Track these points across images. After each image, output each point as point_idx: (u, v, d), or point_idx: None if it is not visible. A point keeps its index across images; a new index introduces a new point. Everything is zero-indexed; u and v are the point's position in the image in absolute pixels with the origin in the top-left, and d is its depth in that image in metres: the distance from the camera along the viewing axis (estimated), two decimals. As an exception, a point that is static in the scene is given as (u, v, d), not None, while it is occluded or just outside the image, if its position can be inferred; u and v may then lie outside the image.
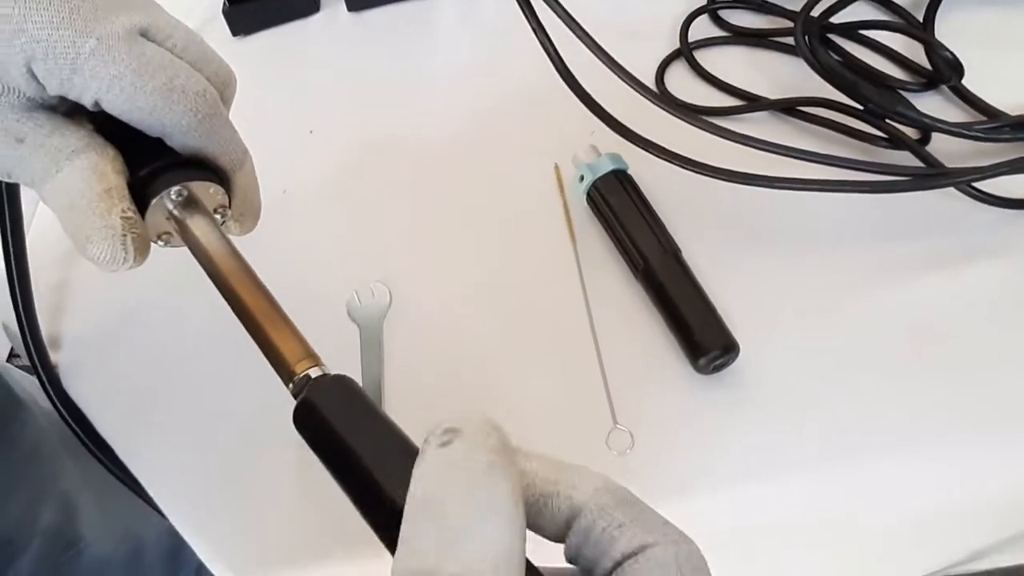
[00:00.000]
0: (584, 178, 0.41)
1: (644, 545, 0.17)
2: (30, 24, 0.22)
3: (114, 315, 0.47)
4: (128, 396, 0.43)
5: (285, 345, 0.24)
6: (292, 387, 0.23)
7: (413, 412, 0.39)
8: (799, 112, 0.42)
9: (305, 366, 0.23)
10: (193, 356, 0.43)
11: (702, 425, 0.35)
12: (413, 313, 0.42)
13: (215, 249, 0.26)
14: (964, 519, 0.38)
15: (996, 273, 0.35)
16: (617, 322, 0.39)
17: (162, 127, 0.25)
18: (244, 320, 0.25)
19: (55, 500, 0.47)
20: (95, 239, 0.24)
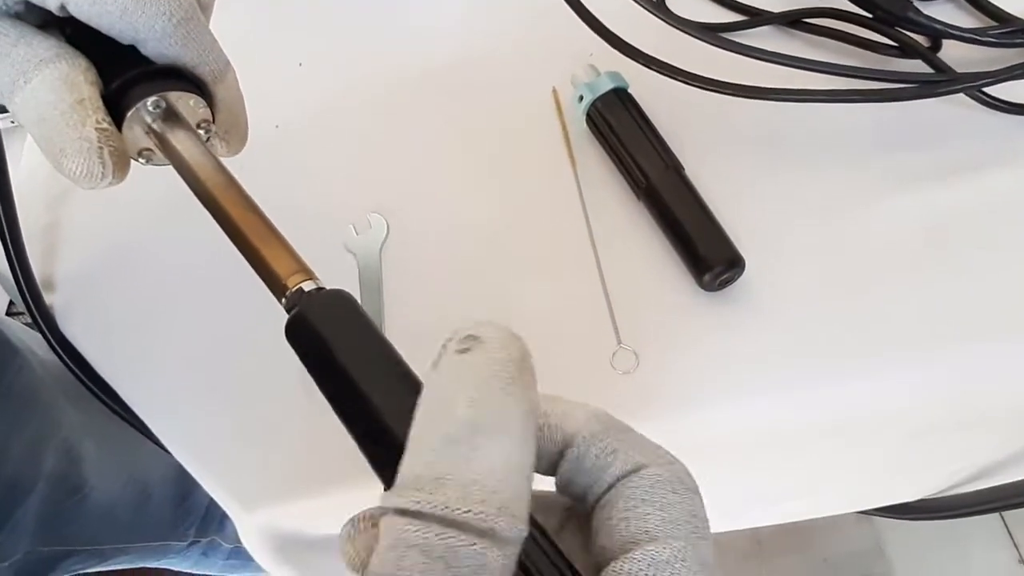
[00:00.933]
0: (583, 98, 0.40)
1: (638, 466, 0.17)
2: None
3: (106, 253, 0.46)
4: (125, 334, 0.43)
5: (276, 259, 0.23)
6: (285, 302, 0.22)
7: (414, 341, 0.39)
8: (806, 24, 0.41)
9: (298, 279, 0.22)
10: (188, 289, 0.43)
11: (708, 342, 0.35)
12: (411, 243, 0.42)
13: (198, 163, 0.24)
14: (974, 431, 0.38)
15: (1006, 180, 0.35)
16: (620, 242, 0.38)
17: (134, 32, 0.24)
18: (233, 237, 0.24)
19: (58, 445, 0.47)
20: (69, 152, 0.23)
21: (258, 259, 0.23)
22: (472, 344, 0.17)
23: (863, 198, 0.36)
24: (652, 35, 0.38)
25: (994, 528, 1.03)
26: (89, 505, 0.50)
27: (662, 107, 0.39)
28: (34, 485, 0.45)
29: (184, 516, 0.61)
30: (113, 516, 0.53)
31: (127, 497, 0.54)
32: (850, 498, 0.49)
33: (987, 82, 0.33)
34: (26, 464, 0.45)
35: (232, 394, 0.40)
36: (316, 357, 0.21)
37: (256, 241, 0.23)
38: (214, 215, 0.24)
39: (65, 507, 0.48)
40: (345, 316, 0.21)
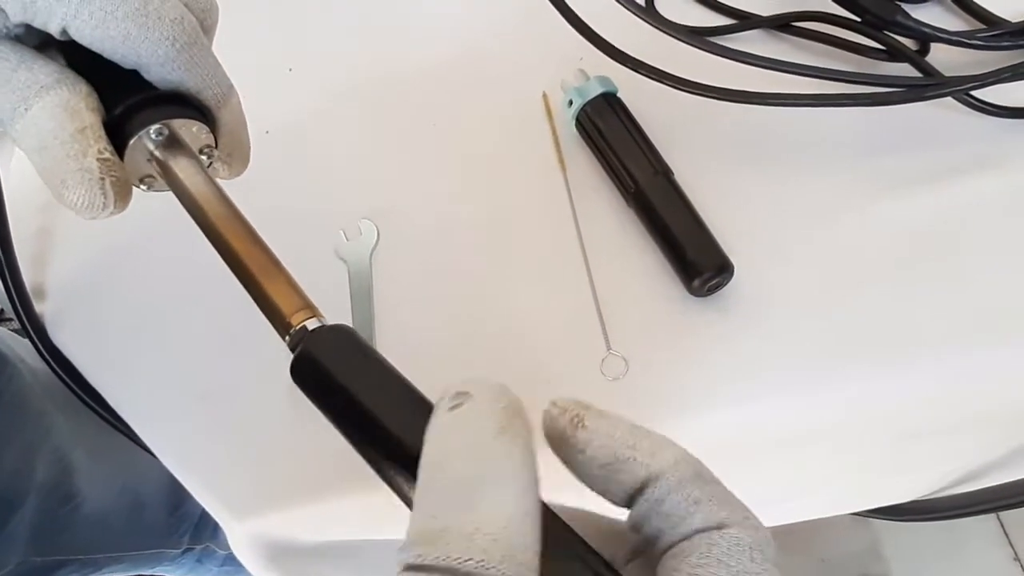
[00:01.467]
0: (573, 102, 0.40)
1: (721, 524, 0.16)
2: None
3: (97, 259, 0.46)
4: (115, 342, 0.43)
5: (280, 296, 0.22)
6: (289, 340, 0.22)
7: (405, 348, 0.39)
8: (794, 28, 0.41)
9: (301, 317, 0.22)
10: (179, 297, 0.43)
11: (698, 348, 0.35)
12: (402, 249, 0.42)
13: (201, 193, 0.24)
14: (964, 433, 0.38)
15: (994, 183, 0.35)
16: (609, 248, 0.38)
17: (137, 58, 0.23)
18: (235, 270, 0.24)
19: (48, 455, 0.47)
20: (70, 183, 0.22)
21: (261, 295, 0.23)
22: (463, 399, 0.17)
23: (852, 202, 0.36)
24: (641, 39, 0.38)
25: (990, 528, 1.03)
26: (82, 514, 0.50)
27: (651, 111, 0.39)
28: (26, 495, 0.45)
29: (178, 524, 0.61)
30: (106, 525, 0.53)
31: (120, 505, 0.54)
32: (842, 500, 0.49)
33: (974, 85, 0.33)
34: (18, 474, 0.44)
35: (222, 402, 0.40)
36: (326, 393, 0.21)
37: (259, 276, 0.23)
38: (216, 246, 0.24)
39: (58, 516, 0.48)
40: (350, 350, 0.21)
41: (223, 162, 0.27)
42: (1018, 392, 0.34)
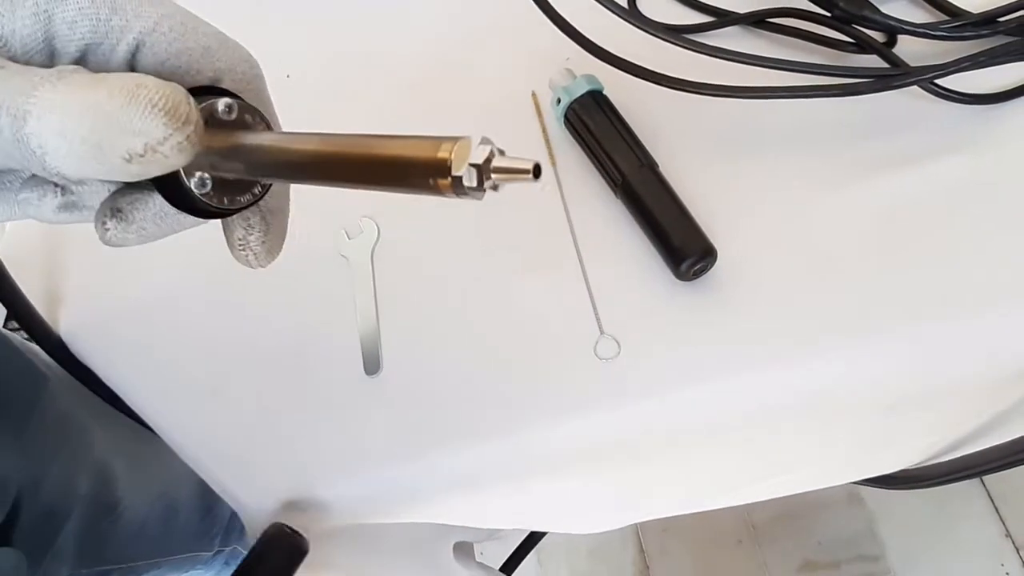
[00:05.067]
0: (561, 100, 0.41)
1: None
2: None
3: (104, 268, 0.47)
4: (129, 346, 0.45)
5: (411, 148, 0.18)
6: (450, 181, 0.17)
7: (407, 337, 0.41)
8: (769, 24, 0.43)
9: (447, 149, 0.17)
10: (188, 297, 0.45)
11: (685, 328, 0.37)
12: (401, 245, 0.44)
13: (282, 137, 0.21)
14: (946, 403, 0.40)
15: (961, 165, 0.37)
16: (599, 238, 0.40)
17: (213, 72, 0.22)
18: (355, 171, 0.20)
19: (91, 468, 0.47)
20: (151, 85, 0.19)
21: (395, 162, 0.19)
22: None
23: (826, 187, 0.38)
24: (625, 39, 0.40)
25: (981, 505, 1.05)
26: (123, 523, 0.50)
27: (636, 107, 0.41)
28: (71, 509, 0.45)
29: (210, 526, 0.61)
30: (145, 532, 0.53)
31: (157, 512, 0.54)
32: (832, 473, 0.51)
33: (938, 74, 0.35)
34: (64, 489, 0.45)
35: (235, 397, 0.42)
36: None
37: (382, 151, 0.19)
38: (323, 174, 0.20)
39: (102, 528, 0.48)
40: None
41: (262, 217, 0.25)
42: (994, 360, 0.36)
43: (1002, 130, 0.38)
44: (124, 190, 0.23)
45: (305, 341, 0.42)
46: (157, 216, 0.23)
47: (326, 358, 0.41)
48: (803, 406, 0.38)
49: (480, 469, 0.39)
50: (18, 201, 0.23)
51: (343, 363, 0.40)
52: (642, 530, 1.14)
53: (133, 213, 0.23)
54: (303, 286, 0.44)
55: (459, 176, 0.17)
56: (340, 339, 0.41)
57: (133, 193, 0.23)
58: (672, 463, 0.41)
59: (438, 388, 0.39)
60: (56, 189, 0.23)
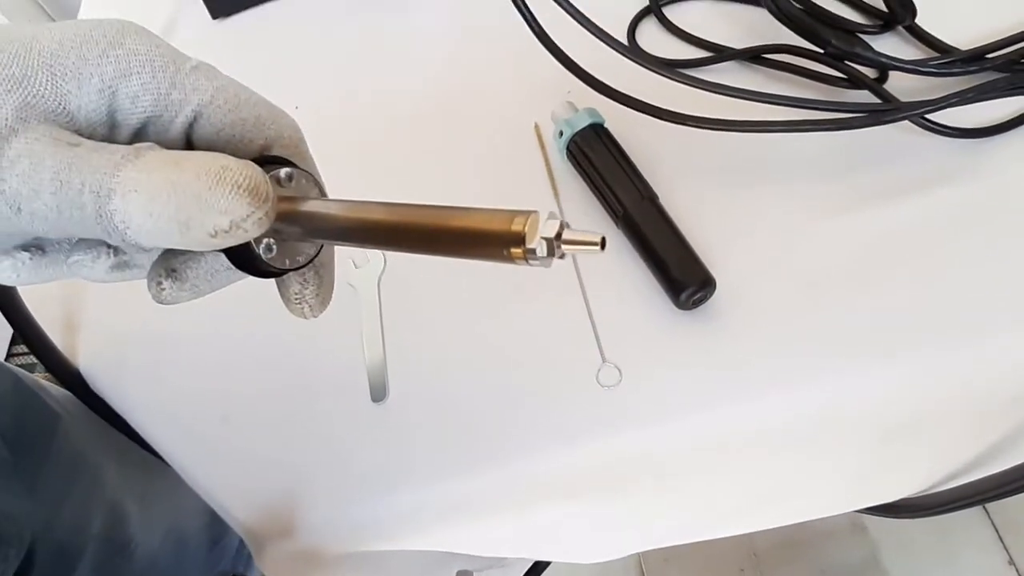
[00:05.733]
0: (563, 133, 0.43)
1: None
2: (130, 39, 0.21)
3: (124, 302, 0.48)
4: (142, 376, 0.45)
5: (485, 222, 0.19)
6: (524, 253, 0.19)
7: (413, 363, 0.42)
8: (765, 60, 0.44)
9: (520, 223, 0.19)
10: (199, 324, 0.45)
11: (686, 356, 0.38)
12: (407, 274, 0.45)
13: (346, 205, 0.22)
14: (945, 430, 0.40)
15: (951, 197, 0.38)
16: (601, 268, 0.41)
17: (264, 140, 0.23)
18: (427, 240, 0.21)
19: (104, 505, 0.47)
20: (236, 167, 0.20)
21: (471, 234, 0.20)
22: None
23: (821, 219, 0.39)
24: (625, 73, 0.41)
25: (985, 534, 1.05)
26: (135, 560, 0.50)
27: (636, 140, 0.43)
28: (84, 548, 0.45)
29: (218, 558, 0.61)
30: (156, 567, 0.52)
31: (167, 548, 0.54)
32: (834, 500, 0.51)
33: (929, 109, 0.37)
34: (77, 528, 0.44)
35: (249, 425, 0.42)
36: None
37: (455, 223, 0.20)
38: (391, 241, 0.22)
39: (114, 565, 0.48)
40: None
41: (316, 272, 0.26)
42: (991, 385, 0.37)
43: (991, 163, 0.39)
44: (177, 251, 0.24)
45: (313, 369, 0.43)
46: (209, 273, 0.24)
47: (334, 385, 0.42)
48: (803, 432, 0.38)
49: (484, 496, 0.39)
50: (69, 263, 0.24)
51: (350, 390, 0.41)
52: (644, 560, 1.13)
53: (187, 272, 0.24)
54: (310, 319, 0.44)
55: (532, 248, 0.18)
56: (347, 367, 0.42)
57: (186, 253, 0.24)
58: (674, 490, 0.42)
59: (443, 415, 0.40)
60: (109, 251, 0.24)
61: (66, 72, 0.20)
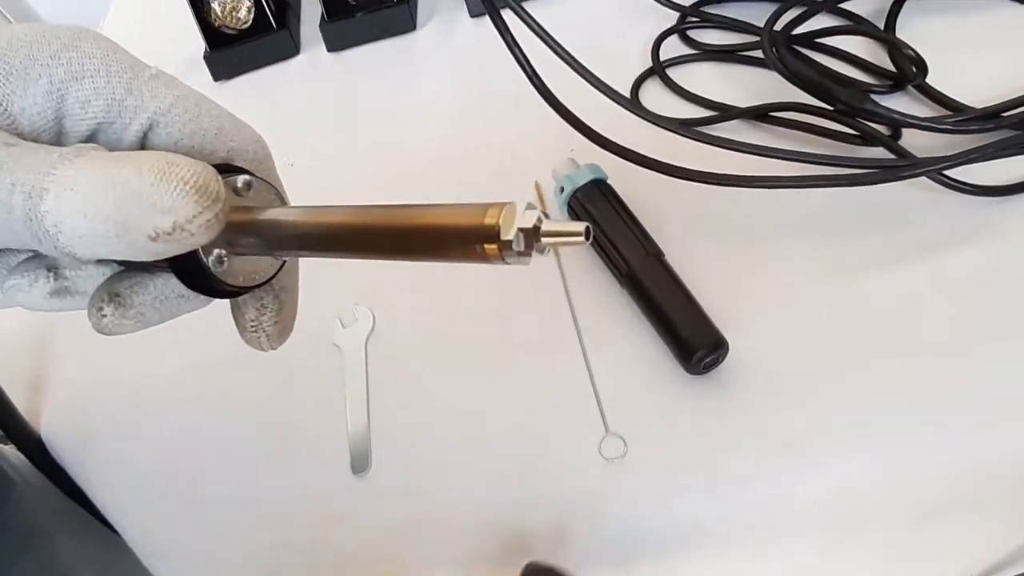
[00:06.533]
0: (564, 189, 0.41)
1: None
2: (85, 43, 0.20)
3: (92, 364, 0.46)
4: (107, 452, 0.42)
5: (457, 216, 0.18)
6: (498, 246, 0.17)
7: (400, 431, 0.38)
8: (772, 118, 0.43)
9: (494, 215, 0.17)
10: (168, 401, 0.43)
11: (696, 426, 0.34)
12: (397, 334, 0.42)
13: (307, 210, 0.20)
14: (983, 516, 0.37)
15: (972, 257, 0.36)
16: (605, 330, 0.38)
17: (226, 152, 0.22)
18: (393, 243, 0.19)
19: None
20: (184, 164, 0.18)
21: (442, 230, 0.18)
22: None
23: (838, 278, 0.37)
24: (629, 131, 0.40)
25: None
26: None
27: (641, 197, 0.41)
28: None
29: None
30: None
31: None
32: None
33: (946, 165, 0.35)
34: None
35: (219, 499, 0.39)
36: None
37: (422, 219, 0.19)
38: (355, 245, 0.20)
39: None
40: None
41: (275, 297, 0.24)
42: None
43: (1012, 221, 0.37)
44: (121, 274, 0.22)
45: (290, 437, 0.40)
46: (157, 300, 0.22)
47: (311, 455, 0.39)
48: (824, 514, 0.35)
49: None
50: (5, 288, 0.22)
51: (329, 460, 0.38)
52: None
53: (132, 298, 0.22)
54: (292, 377, 0.42)
55: (508, 240, 0.17)
56: (328, 434, 0.39)
57: (132, 277, 0.22)
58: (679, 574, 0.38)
59: (430, 489, 0.36)
60: (48, 274, 0.22)
61: (11, 71, 0.19)
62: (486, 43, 0.48)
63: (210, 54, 0.61)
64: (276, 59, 0.63)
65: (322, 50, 0.62)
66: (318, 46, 0.62)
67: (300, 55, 0.63)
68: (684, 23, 0.51)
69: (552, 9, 0.57)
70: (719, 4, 0.51)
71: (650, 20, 0.52)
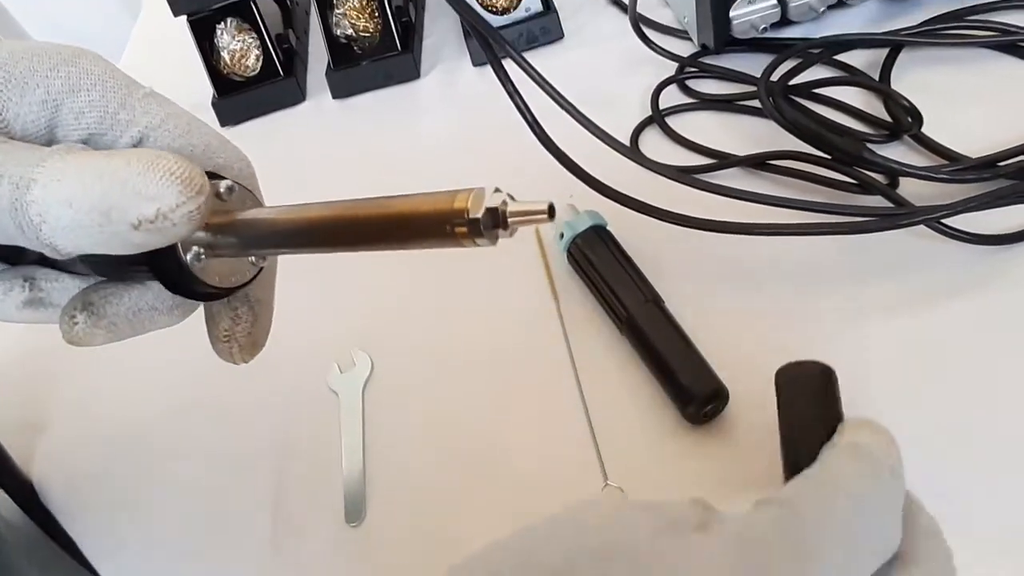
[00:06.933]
0: (564, 235, 0.41)
1: None
2: (85, 60, 0.21)
3: (98, 409, 0.45)
4: (108, 504, 0.41)
5: (427, 204, 0.19)
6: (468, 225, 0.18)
7: (396, 483, 0.38)
8: (770, 166, 0.43)
9: (463, 198, 0.18)
10: (165, 457, 0.42)
11: (696, 477, 0.34)
12: (395, 380, 0.42)
13: (283, 208, 0.21)
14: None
15: (971, 307, 0.36)
16: (604, 378, 0.38)
17: (213, 167, 0.23)
18: (368, 234, 0.20)
19: None
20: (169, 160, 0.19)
21: (411, 218, 0.19)
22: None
23: (838, 327, 0.37)
24: (629, 179, 0.40)
25: None
26: None
27: (640, 243, 0.41)
28: None
29: None
30: None
31: None
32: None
33: (945, 214, 0.35)
34: None
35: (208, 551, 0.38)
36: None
37: (394, 209, 0.20)
38: (332, 238, 0.21)
39: None
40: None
41: (249, 307, 0.25)
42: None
43: (1012, 271, 0.37)
44: (96, 285, 0.23)
45: (282, 484, 0.39)
46: (130, 311, 0.22)
47: (304, 503, 0.38)
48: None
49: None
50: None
51: (322, 509, 0.37)
52: None
53: (105, 307, 0.22)
54: (287, 424, 0.41)
55: (477, 219, 0.18)
56: (321, 482, 0.38)
57: (107, 288, 0.22)
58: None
59: (426, 540, 0.35)
60: (24, 284, 0.23)
61: (10, 79, 0.20)
62: (488, 91, 0.49)
63: (218, 100, 0.63)
64: (282, 105, 0.64)
65: (327, 97, 0.63)
66: (324, 93, 0.63)
67: (306, 101, 0.64)
68: (683, 73, 0.52)
69: (553, 59, 0.58)
70: (717, 55, 0.52)
71: (649, 70, 0.53)
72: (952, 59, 0.47)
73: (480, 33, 0.40)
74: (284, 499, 0.38)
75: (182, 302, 0.23)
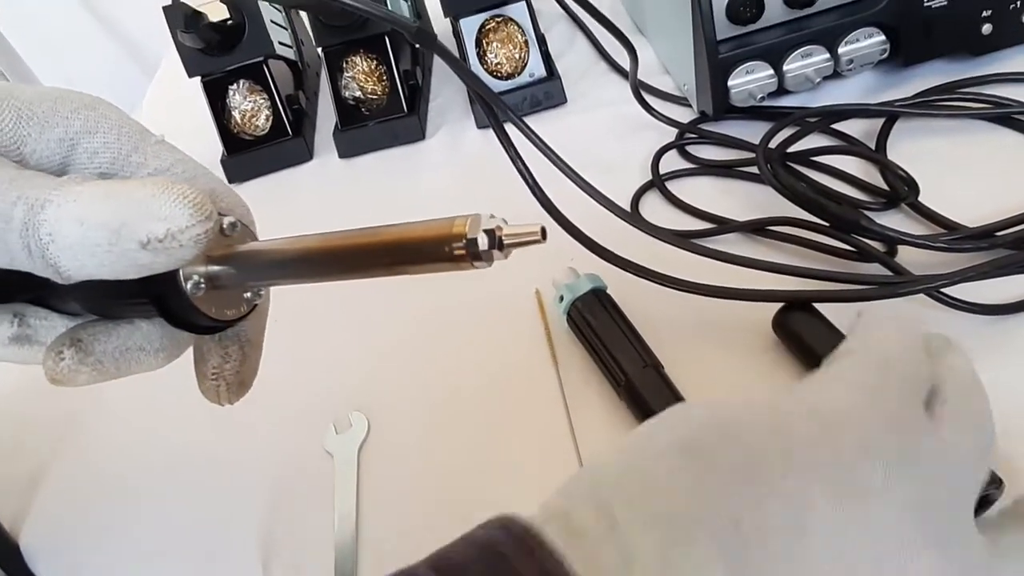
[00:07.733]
0: (563, 298, 0.41)
1: None
2: (103, 107, 0.22)
3: (79, 491, 0.45)
4: (91, 565, 0.40)
5: (427, 230, 0.20)
6: (467, 246, 0.19)
7: (390, 546, 0.37)
8: (769, 232, 0.44)
9: (461, 223, 0.19)
10: (149, 514, 0.41)
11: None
12: (392, 442, 0.41)
13: (283, 240, 0.22)
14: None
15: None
16: (602, 442, 0.38)
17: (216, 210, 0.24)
18: (369, 262, 0.21)
19: None
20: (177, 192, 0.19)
21: (413, 245, 0.20)
22: None
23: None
24: (629, 244, 0.41)
25: None
26: None
27: (640, 308, 0.41)
28: None
29: None
30: None
31: None
32: None
33: (944, 283, 0.35)
34: None
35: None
36: None
37: (396, 234, 0.21)
38: (331, 266, 0.22)
39: None
40: None
41: (240, 347, 0.25)
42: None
43: (1012, 341, 0.36)
44: (85, 323, 0.23)
45: (270, 547, 0.38)
46: (117, 350, 0.22)
47: (296, 567, 0.37)
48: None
49: None
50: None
51: (313, 574, 0.36)
52: None
53: (93, 345, 0.22)
54: (280, 486, 0.40)
55: (475, 239, 0.19)
56: (312, 547, 0.37)
57: (96, 325, 0.23)
58: None
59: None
60: (13, 319, 0.23)
61: (33, 117, 0.21)
62: (491, 154, 0.50)
63: (227, 158, 0.64)
64: (290, 164, 0.65)
65: (334, 156, 0.64)
66: (331, 152, 0.65)
67: (313, 160, 0.66)
68: (683, 139, 0.53)
69: (556, 123, 0.60)
70: (716, 122, 0.53)
71: (650, 135, 0.54)
72: (946, 130, 0.48)
73: (482, 98, 0.41)
74: (274, 562, 0.37)
75: (169, 344, 0.24)
